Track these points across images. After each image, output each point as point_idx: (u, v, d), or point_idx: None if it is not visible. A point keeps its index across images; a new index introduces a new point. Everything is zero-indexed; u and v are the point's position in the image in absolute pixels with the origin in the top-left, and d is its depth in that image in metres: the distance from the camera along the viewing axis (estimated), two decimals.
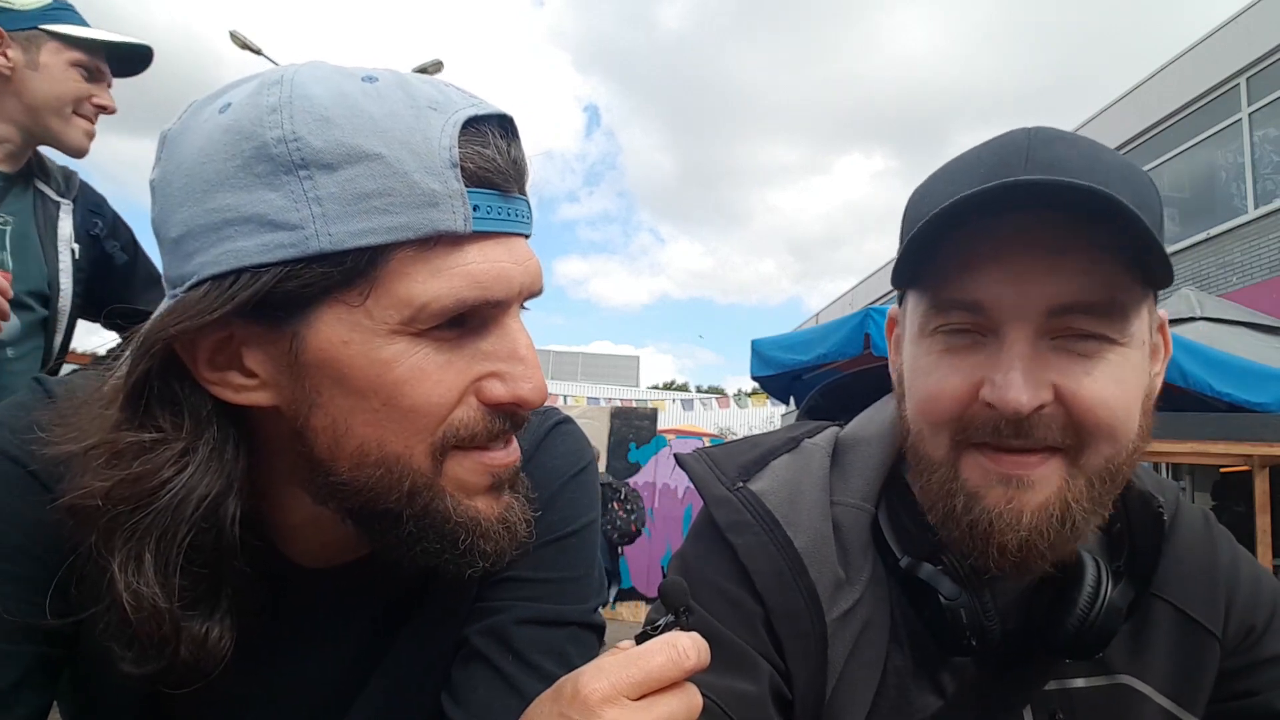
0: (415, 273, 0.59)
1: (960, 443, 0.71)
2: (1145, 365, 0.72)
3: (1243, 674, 0.81)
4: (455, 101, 0.62)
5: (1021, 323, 0.67)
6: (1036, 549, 0.68)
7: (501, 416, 0.66)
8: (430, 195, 0.58)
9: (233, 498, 0.63)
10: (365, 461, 0.62)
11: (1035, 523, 0.68)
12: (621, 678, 0.53)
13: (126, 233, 2.00)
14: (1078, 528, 0.69)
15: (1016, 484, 0.69)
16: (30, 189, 1.79)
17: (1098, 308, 0.67)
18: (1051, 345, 0.68)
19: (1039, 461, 0.69)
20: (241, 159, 0.58)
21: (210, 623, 0.64)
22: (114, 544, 0.60)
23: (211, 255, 0.59)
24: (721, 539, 0.79)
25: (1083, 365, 0.68)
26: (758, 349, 5.63)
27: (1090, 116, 12.81)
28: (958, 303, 0.70)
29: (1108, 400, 0.67)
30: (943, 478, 0.73)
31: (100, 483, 0.60)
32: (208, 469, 0.62)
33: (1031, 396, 0.66)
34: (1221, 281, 10.00)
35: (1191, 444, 4.09)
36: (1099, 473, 0.69)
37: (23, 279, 1.71)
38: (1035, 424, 0.67)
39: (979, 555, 0.71)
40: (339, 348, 0.60)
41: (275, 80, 0.60)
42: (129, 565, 0.60)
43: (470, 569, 0.67)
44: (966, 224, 0.67)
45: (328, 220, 0.57)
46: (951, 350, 0.71)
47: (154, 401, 0.62)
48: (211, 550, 0.63)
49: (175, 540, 0.61)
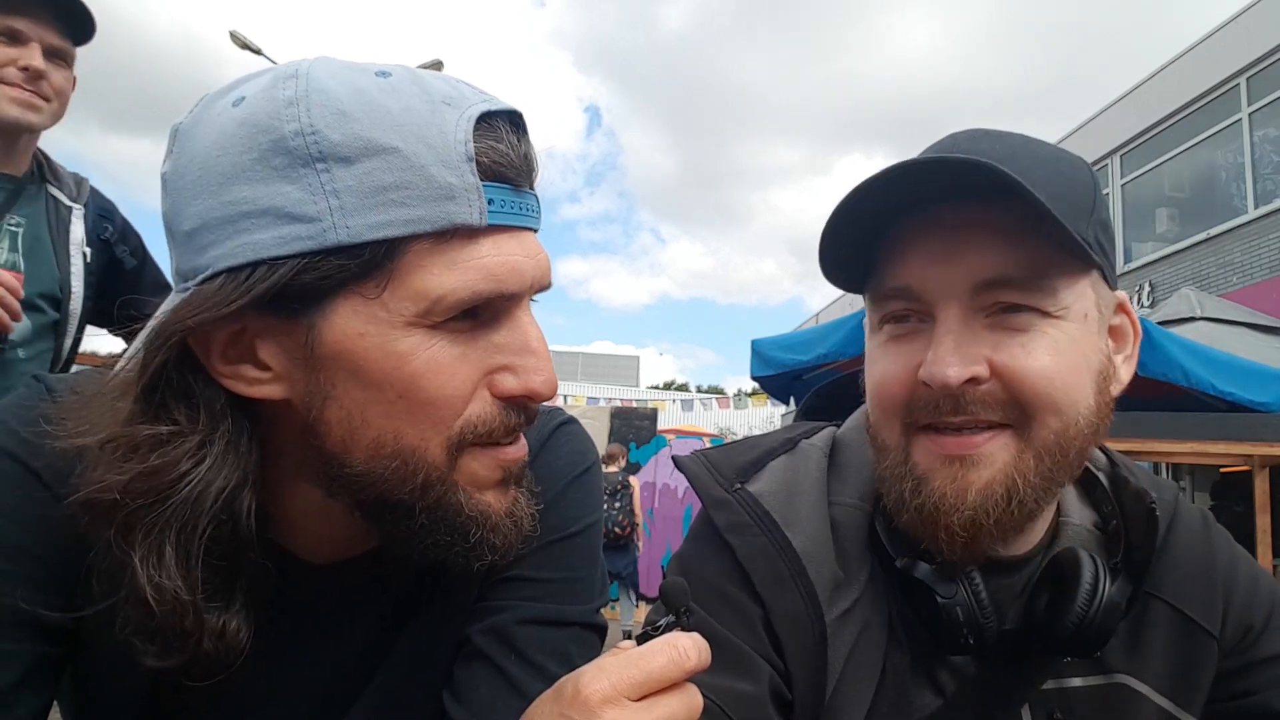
0: (431, 265, 0.60)
1: (909, 426, 0.74)
2: (1091, 341, 0.72)
3: (1240, 674, 0.82)
4: (468, 97, 0.63)
5: (949, 300, 0.70)
6: (983, 528, 0.69)
7: (514, 409, 0.66)
8: (447, 189, 0.59)
9: (248, 490, 0.63)
10: (381, 454, 0.63)
11: (980, 501, 0.69)
12: (622, 678, 0.53)
13: (135, 238, 2.01)
14: (1025, 505, 0.70)
15: (962, 464, 0.70)
16: (42, 193, 1.79)
17: (1023, 281, 0.69)
18: (986, 322, 0.70)
19: (984, 440, 0.70)
20: (258, 151, 0.58)
21: (228, 615, 0.64)
22: (134, 538, 0.61)
23: (227, 248, 0.59)
24: (720, 540, 0.79)
25: (1017, 339, 0.69)
26: (758, 349, 5.62)
27: (1090, 116, 12.81)
28: (893, 291, 0.74)
29: (1044, 370, 0.69)
30: (895, 462, 0.75)
31: (117, 476, 0.60)
32: (225, 461, 0.62)
33: (959, 370, 0.68)
34: (1221, 281, 9.99)
35: (1191, 444, 4.10)
36: (1048, 447, 0.70)
37: (34, 281, 1.71)
38: (972, 399, 0.69)
39: (930, 540, 0.72)
40: (355, 340, 0.60)
41: (290, 74, 0.60)
42: (150, 558, 0.60)
43: (478, 562, 0.67)
44: (898, 220, 0.72)
45: (345, 213, 0.57)
46: (895, 339, 0.75)
47: (169, 394, 0.62)
48: (229, 542, 0.63)
49: (196, 533, 0.61)
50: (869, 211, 0.71)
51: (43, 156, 1.82)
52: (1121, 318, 0.77)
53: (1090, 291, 0.72)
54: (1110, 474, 0.84)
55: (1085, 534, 0.81)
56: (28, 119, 1.67)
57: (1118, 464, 0.85)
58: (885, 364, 0.75)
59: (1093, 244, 0.69)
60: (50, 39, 1.68)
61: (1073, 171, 0.73)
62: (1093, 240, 0.69)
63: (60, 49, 1.70)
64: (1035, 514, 0.71)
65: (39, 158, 1.81)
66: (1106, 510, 0.82)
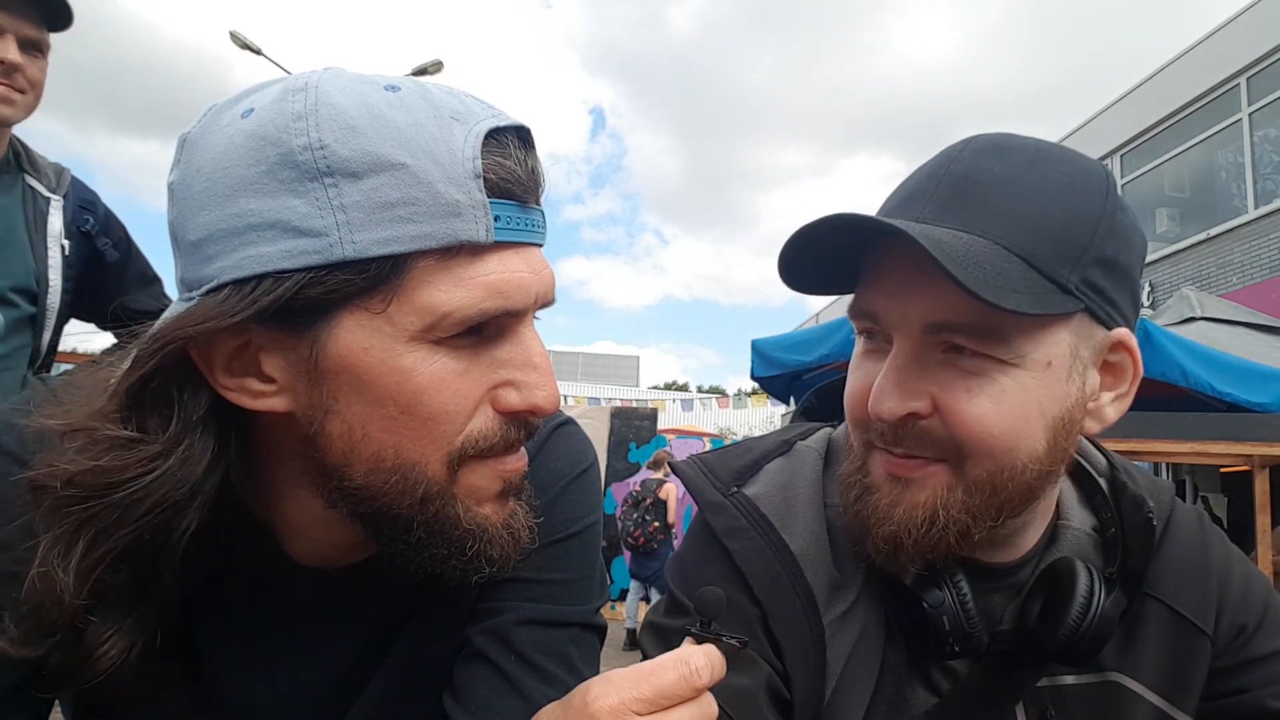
0: (437, 281, 0.60)
1: (868, 441, 0.75)
2: (1053, 388, 0.69)
3: (1233, 672, 0.82)
4: (476, 112, 0.63)
5: (903, 335, 0.71)
6: (902, 545, 0.71)
7: (516, 424, 0.66)
8: (454, 205, 0.59)
9: (193, 511, 0.62)
10: (381, 468, 0.63)
11: (903, 520, 0.71)
12: (631, 694, 0.54)
13: (119, 230, 1.95)
14: (946, 534, 0.71)
15: (901, 484, 0.72)
16: (19, 184, 1.74)
17: (971, 329, 0.68)
18: (939, 358, 0.70)
19: (919, 466, 0.72)
20: (266, 165, 0.58)
21: (108, 630, 0.62)
22: (52, 520, 0.60)
23: (233, 260, 0.59)
24: (717, 544, 0.80)
25: (965, 381, 0.69)
26: (758, 349, 5.62)
27: (1090, 116, 12.79)
28: (862, 311, 0.76)
29: (981, 418, 0.68)
30: (852, 468, 0.77)
31: (67, 466, 0.60)
32: (173, 478, 0.60)
33: (896, 405, 0.69)
34: (1221, 281, 9.98)
35: (1191, 444, 4.08)
36: (980, 485, 0.70)
37: (6, 274, 1.66)
38: (909, 433, 0.71)
39: (863, 543, 0.75)
40: (359, 354, 0.60)
41: (299, 87, 0.60)
42: (57, 547, 0.59)
43: (475, 575, 0.67)
44: (877, 240, 0.72)
45: (352, 228, 0.57)
46: (866, 353, 0.77)
47: (147, 400, 0.61)
48: (146, 559, 0.62)
49: (112, 538, 0.60)
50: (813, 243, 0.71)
51: (20, 146, 1.76)
52: (1120, 355, 0.74)
53: (1065, 337, 0.69)
54: (1110, 478, 0.84)
55: (1084, 539, 0.82)
56: (2, 113, 1.63)
57: (1118, 468, 0.86)
58: (855, 377, 0.77)
59: (1075, 288, 0.67)
60: (25, 30, 1.62)
61: (1077, 201, 0.69)
62: (1075, 284, 0.67)
63: (36, 40, 1.64)
64: (964, 538, 0.72)
65: (16, 147, 1.74)
66: (1106, 516, 0.82)
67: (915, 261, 0.66)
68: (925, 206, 0.70)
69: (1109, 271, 0.70)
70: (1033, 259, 0.66)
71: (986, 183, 0.70)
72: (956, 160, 0.72)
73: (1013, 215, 0.68)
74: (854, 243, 0.74)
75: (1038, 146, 0.73)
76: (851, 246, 0.75)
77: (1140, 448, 4.03)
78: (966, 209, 0.69)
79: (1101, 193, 0.71)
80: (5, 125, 1.68)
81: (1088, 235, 0.68)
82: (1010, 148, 0.72)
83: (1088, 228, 0.69)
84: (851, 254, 0.76)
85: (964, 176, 0.70)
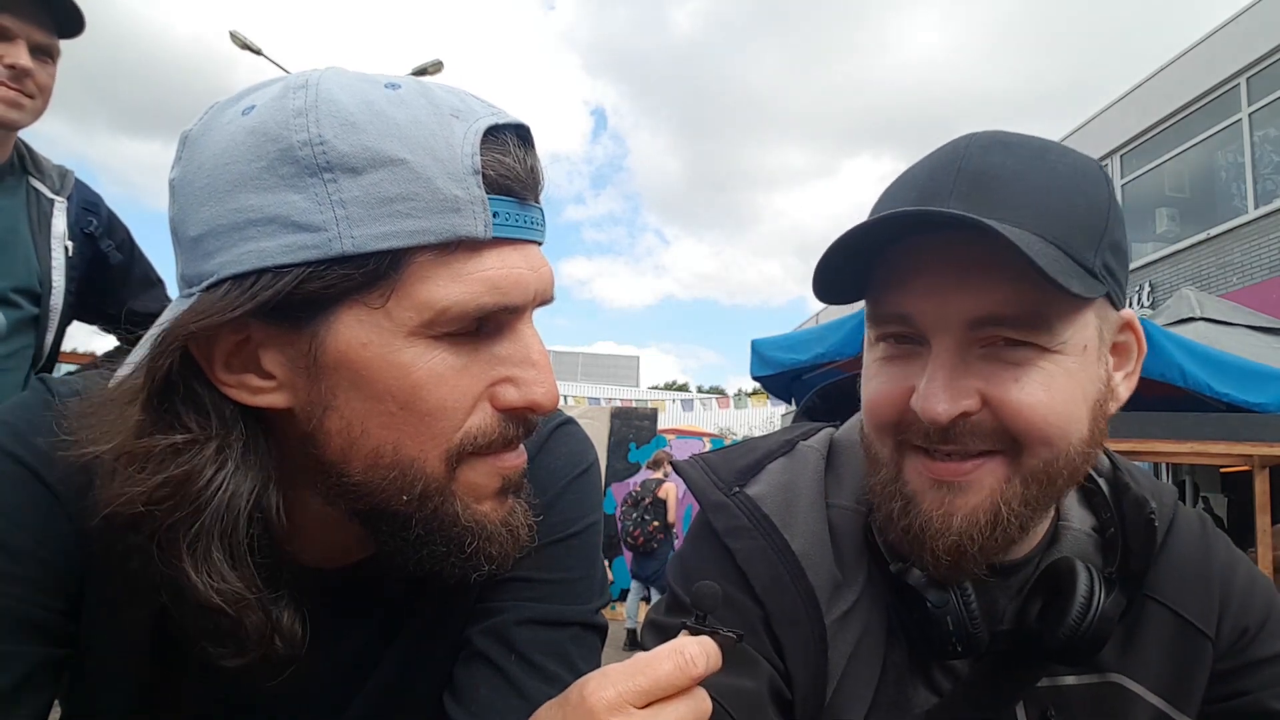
0: (435, 277, 0.60)
1: (902, 444, 0.74)
2: (1090, 370, 0.71)
3: (1235, 675, 0.82)
4: (476, 110, 0.63)
5: (944, 334, 0.70)
6: (968, 553, 0.70)
7: (514, 421, 0.66)
8: (452, 201, 0.59)
9: (273, 488, 0.64)
10: (379, 464, 0.63)
11: (965, 527, 0.70)
12: (628, 686, 0.54)
13: (122, 232, 1.96)
14: (1009, 531, 0.70)
15: (949, 489, 0.71)
16: (23, 185, 1.75)
17: (1018, 320, 0.68)
18: (981, 354, 0.70)
19: (973, 467, 0.71)
20: (266, 160, 0.58)
21: (281, 609, 0.65)
22: (179, 549, 0.60)
23: (233, 255, 0.59)
24: (719, 544, 0.80)
25: (1011, 373, 0.69)
26: (757, 349, 5.62)
27: (1090, 116, 12.81)
28: (891, 315, 0.73)
29: (1036, 405, 0.68)
30: (886, 478, 0.75)
31: (137, 488, 0.60)
32: (246, 463, 0.62)
33: (949, 406, 0.68)
34: (1221, 281, 9.99)
35: (1191, 444, 4.09)
36: (1036, 475, 0.70)
37: (8, 275, 1.67)
38: (961, 431, 0.70)
39: (917, 559, 0.73)
40: (358, 350, 0.60)
41: (300, 84, 0.60)
42: (204, 566, 0.60)
43: (474, 573, 0.68)
44: (898, 241, 0.71)
45: (351, 223, 0.58)
46: (890, 358, 0.75)
47: (178, 402, 0.62)
48: (265, 539, 0.64)
49: (239, 534, 0.62)
50: (864, 243, 0.71)
51: (25, 148, 1.77)
52: (1127, 335, 0.76)
53: (1093, 320, 0.71)
54: (1111, 479, 0.84)
55: (1084, 539, 0.82)
56: (10, 117, 1.65)
57: (1119, 468, 0.86)
58: (880, 382, 0.75)
59: (1100, 272, 0.69)
60: (36, 36, 1.64)
61: (1090, 189, 0.71)
62: (1099, 268, 0.69)
63: (46, 45, 1.66)
64: (1020, 537, 0.71)
65: (20, 149, 1.76)
66: (1106, 516, 0.82)
67: (954, 258, 0.67)
68: (950, 202, 0.69)
69: (1117, 255, 0.72)
70: (1067, 246, 0.67)
71: (1004, 177, 0.69)
72: (965, 157, 0.72)
73: (1041, 205, 0.68)
74: (870, 247, 0.72)
75: (1036, 140, 0.74)
76: (864, 253, 0.73)
77: (1140, 448, 4.03)
78: (993, 203, 0.68)
79: (1104, 181, 0.73)
80: (12, 129, 1.69)
81: (1103, 221, 0.70)
82: (1013, 143, 0.73)
83: (1102, 214, 0.71)
84: (856, 262, 0.74)
85: (980, 172, 0.70)
